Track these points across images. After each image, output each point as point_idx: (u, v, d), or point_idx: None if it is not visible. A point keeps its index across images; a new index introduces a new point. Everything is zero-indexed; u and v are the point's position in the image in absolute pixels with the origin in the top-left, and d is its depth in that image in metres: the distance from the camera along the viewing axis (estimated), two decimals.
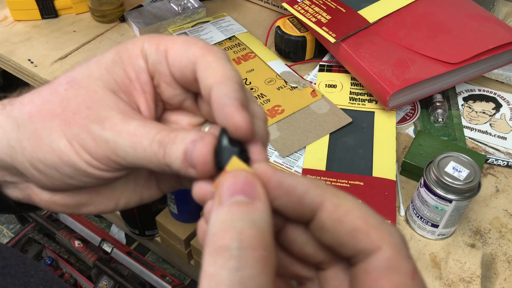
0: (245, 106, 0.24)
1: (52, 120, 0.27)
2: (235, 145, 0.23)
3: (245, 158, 0.23)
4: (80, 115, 0.27)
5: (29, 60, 0.75)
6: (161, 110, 0.30)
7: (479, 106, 0.71)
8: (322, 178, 0.59)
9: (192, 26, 0.85)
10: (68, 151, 0.27)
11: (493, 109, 0.71)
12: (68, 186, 0.29)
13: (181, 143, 0.25)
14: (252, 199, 0.22)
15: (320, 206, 0.22)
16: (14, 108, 0.29)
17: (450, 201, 0.50)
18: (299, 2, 0.75)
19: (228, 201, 0.22)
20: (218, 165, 0.24)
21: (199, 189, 0.25)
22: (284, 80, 0.72)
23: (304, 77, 0.74)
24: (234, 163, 0.23)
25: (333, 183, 0.58)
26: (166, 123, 0.31)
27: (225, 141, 0.23)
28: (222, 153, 0.23)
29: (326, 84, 0.72)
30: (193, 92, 0.29)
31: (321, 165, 0.60)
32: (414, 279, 0.21)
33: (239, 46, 0.80)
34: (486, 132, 0.67)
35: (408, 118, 0.69)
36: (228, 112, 0.24)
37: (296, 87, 0.71)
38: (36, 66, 0.75)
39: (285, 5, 0.76)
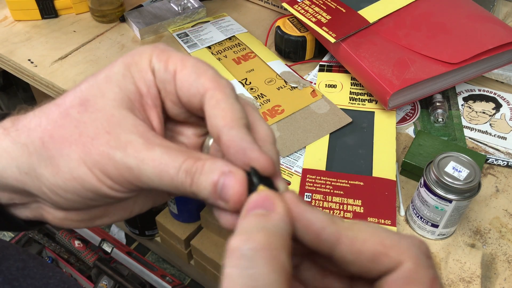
0: (259, 146, 0.26)
1: (69, 146, 0.27)
2: (264, 182, 0.25)
3: (274, 189, 0.25)
4: (100, 141, 0.26)
5: (29, 60, 0.75)
6: (165, 120, 0.30)
7: (479, 106, 0.71)
8: (322, 178, 0.59)
9: (192, 26, 0.85)
10: (89, 178, 0.27)
11: (493, 109, 0.71)
12: (87, 206, 0.29)
13: (210, 174, 0.25)
14: (269, 212, 0.23)
15: (337, 242, 0.23)
16: (20, 133, 0.28)
17: (450, 201, 0.50)
18: (299, 2, 0.75)
19: (248, 214, 0.23)
20: None
21: (229, 220, 0.26)
22: (284, 80, 0.72)
23: (304, 77, 0.74)
24: (262, 190, 0.25)
25: (333, 183, 0.58)
26: (171, 133, 0.31)
27: (255, 178, 0.25)
28: (253, 190, 0.25)
29: (326, 84, 0.72)
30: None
31: (321, 165, 0.60)
32: None
33: (239, 46, 0.80)
34: (486, 132, 0.67)
35: (408, 118, 0.69)
36: (253, 156, 0.25)
37: (296, 87, 0.71)
38: (36, 66, 0.75)
39: (285, 5, 0.76)
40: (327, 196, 0.56)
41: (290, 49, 0.76)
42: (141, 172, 0.26)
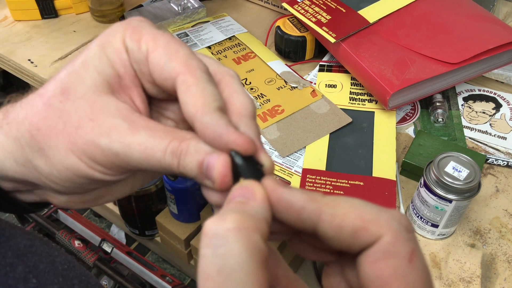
0: (235, 126, 0.26)
1: (56, 138, 0.27)
2: (247, 160, 0.25)
3: (257, 165, 0.26)
4: (84, 130, 0.26)
5: (29, 60, 0.75)
6: (150, 97, 0.30)
7: (479, 106, 0.71)
8: (322, 178, 0.59)
9: (192, 26, 0.85)
10: (80, 166, 0.27)
11: (493, 109, 0.71)
12: (86, 190, 0.30)
13: (195, 155, 0.25)
14: (248, 199, 0.24)
15: (318, 219, 0.24)
16: (11, 126, 0.28)
17: (450, 201, 0.50)
18: (299, 2, 0.75)
19: (229, 202, 0.24)
20: (235, 180, 0.26)
21: (217, 198, 0.26)
22: (284, 80, 0.72)
23: (304, 77, 0.74)
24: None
25: (333, 183, 0.58)
26: (157, 109, 0.31)
27: (237, 158, 0.25)
28: (237, 170, 0.25)
29: (326, 84, 0.72)
30: None
31: (321, 165, 0.60)
32: (411, 262, 0.22)
33: (239, 46, 0.80)
34: (486, 132, 0.67)
35: (408, 118, 0.69)
36: (230, 140, 0.25)
37: (296, 87, 0.71)
38: (36, 66, 0.75)
39: (285, 5, 0.76)
40: None
41: (290, 49, 0.76)
42: (128, 156, 0.26)
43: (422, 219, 0.54)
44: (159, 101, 0.31)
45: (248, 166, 0.25)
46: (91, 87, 0.27)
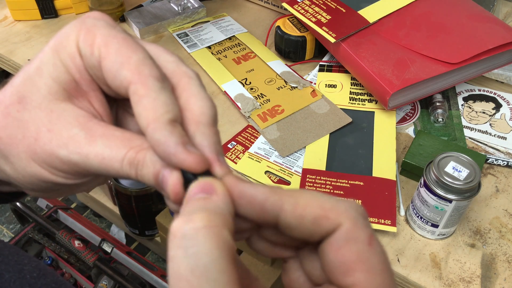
0: (186, 143, 0.25)
1: (16, 147, 0.27)
2: (200, 175, 0.25)
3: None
4: (43, 141, 0.27)
5: (29, 60, 0.75)
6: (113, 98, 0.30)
7: (479, 106, 0.71)
8: (322, 178, 0.59)
9: (192, 26, 0.85)
10: (43, 173, 0.27)
11: (493, 109, 0.71)
12: (55, 189, 0.30)
13: (151, 167, 0.26)
14: (210, 195, 0.24)
15: (280, 210, 0.24)
16: None
17: (450, 201, 0.50)
18: (299, 2, 0.75)
19: (190, 199, 0.24)
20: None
21: (173, 206, 0.26)
22: (284, 80, 0.72)
23: (304, 77, 0.74)
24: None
25: (333, 183, 0.58)
26: (124, 107, 0.31)
27: (189, 176, 0.25)
28: (190, 184, 0.25)
29: (326, 84, 0.72)
30: None
31: (321, 165, 0.60)
32: (370, 245, 0.24)
33: (239, 46, 0.80)
34: (486, 132, 0.67)
35: (408, 118, 0.69)
36: (178, 161, 0.24)
37: (296, 87, 0.71)
38: None
39: (285, 5, 0.76)
40: None
41: (290, 49, 0.76)
42: (86, 166, 0.26)
43: (422, 219, 0.54)
44: (124, 100, 0.30)
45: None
46: (47, 95, 0.27)
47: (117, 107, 0.31)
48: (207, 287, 0.21)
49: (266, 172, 0.60)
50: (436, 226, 0.53)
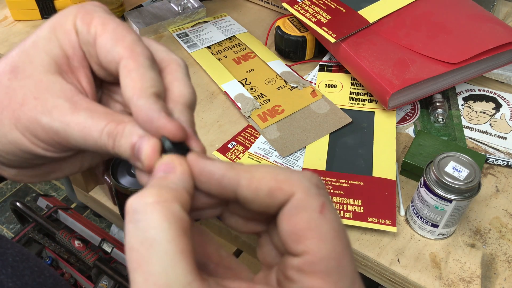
0: (168, 113, 0.27)
1: (1, 113, 0.28)
2: (176, 146, 0.27)
3: (187, 152, 0.27)
4: (28, 107, 0.27)
5: None
6: (99, 80, 0.31)
7: (479, 106, 0.71)
8: (322, 178, 0.59)
9: (192, 26, 0.85)
10: (22, 141, 0.28)
11: (493, 109, 0.71)
12: (32, 165, 0.31)
13: (129, 137, 0.27)
14: (168, 174, 0.25)
15: (237, 184, 0.25)
16: None
17: (450, 201, 0.50)
18: (299, 2, 0.75)
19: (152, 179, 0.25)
20: None
21: (144, 179, 0.28)
22: (284, 80, 0.72)
23: (304, 77, 0.74)
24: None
25: (333, 183, 0.58)
26: (108, 92, 0.33)
27: (167, 143, 0.26)
28: (166, 154, 0.27)
29: (326, 84, 0.72)
30: None
31: (321, 165, 0.60)
32: (322, 213, 0.24)
33: (239, 46, 0.80)
34: (486, 132, 0.67)
35: (408, 118, 0.69)
36: (160, 125, 0.26)
37: (296, 87, 0.71)
38: None
39: (285, 5, 0.76)
40: None
41: (290, 49, 0.76)
42: (67, 135, 0.27)
43: (422, 219, 0.54)
44: (109, 84, 0.32)
45: (177, 151, 0.26)
46: (38, 67, 0.28)
47: (102, 93, 0.33)
48: (156, 258, 0.21)
49: None
50: (436, 226, 0.53)
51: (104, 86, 0.32)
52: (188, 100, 0.29)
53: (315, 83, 0.73)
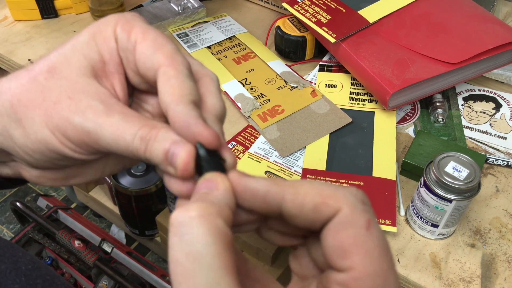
0: (204, 120, 0.28)
1: (33, 110, 0.28)
2: (210, 154, 0.27)
3: (220, 160, 0.27)
4: (61, 106, 0.28)
5: (29, 60, 0.75)
6: (131, 88, 0.32)
7: (479, 106, 0.71)
8: (322, 178, 0.59)
9: (192, 26, 0.85)
10: (52, 140, 0.28)
11: (493, 109, 0.71)
12: (56, 166, 0.31)
13: (162, 142, 0.27)
14: (212, 190, 0.25)
15: (282, 200, 0.26)
16: None
17: (450, 201, 0.50)
18: (299, 2, 0.75)
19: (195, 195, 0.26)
20: (197, 171, 0.27)
21: (177, 186, 0.28)
22: (284, 80, 0.72)
23: (304, 77, 0.74)
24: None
25: (333, 183, 0.58)
26: (138, 101, 0.33)
27: (202, 151, 0.27)
28: (200, 162, 0.27)
29: (326, 84, 0.72)
30: None
31: (321, 165, 0.60)
32: (368, 230, 0.25)
33: (239, 46, 0.80)
34: (486, 132, 0.67)
35: (408, 118, 0.69)
36: (197, 131, 0.27)
37: (296, 87, 0.71)
38: None
39: (285, 5, 0.76)
40: None
41: (290, 49, 0.76)
42: (98, 136, 0.27)
43: (422, 219, 0.54)
44: (140, 93, 0.32)
45: (211, 159, 0.27)
46: (75, 69, 0.29)
47: (132, 101, 0.33)
48: (201, 271, 0.22)
49: (266, 172, 0.60)
50: (436, 226, 0.53)
51: (134, 95, 0.33)
52: (220, 112, 0.30)
53: (315, 83, 0.73)
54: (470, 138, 0.66)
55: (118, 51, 0.29)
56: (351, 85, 0.71)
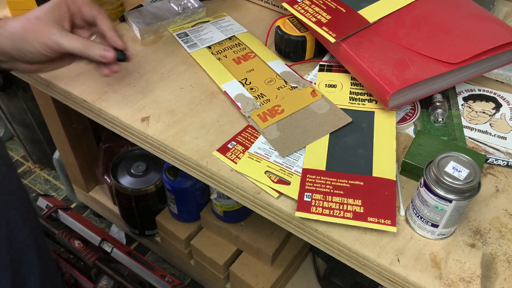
0: (120, 36, 0.64)
1: (32, 34, 0.59)
2: (118, 50, 0.64)
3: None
4: (45, 33, 0.59)
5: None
6: (72, 28, 0.64)
7: (479, 106, 0.71)
8: (322, 178, 0.59)
9: (192, 26, 0.85)
10: (40, 48, 0.59)
11: (493, 109, 0.71)
12: (39, 61, 0.62)
13: (99, 49, 0.62)
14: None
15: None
16: (5, 29, 0.59)
17: (450, 201, 0.50)
18: (299, 2, 0.75)
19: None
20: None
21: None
22: (284, 80, 0.72)
23: (304, 77, 0.74)
24: None
25: (333, 183, 0.58)
26: (75, 33, 0.64)
27: (117, 51, 0.64)
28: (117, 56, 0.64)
29: (326, 84, 0.72)
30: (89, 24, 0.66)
31: (321, 165, 0.60)
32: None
33: (239, 46, 0.80)
34: (486, 132, 0.67)
35: (408, 118, 0.69)
36: (118, 42, 0.64)
37: (296, 87, 0.71)
38: None
39: (285, 5, 0.76)
40: (327, 196, 0.56)
41: (290, 49, 0.76)
42: (64, 46, 0.60)
43: (422, 219, 0.54)
44: (76, 30, 0.65)
45: (121, 53, 0.64)
46: (50, 19, 0.60)
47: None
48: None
49: (266, 172, 0.60)
50: (436, 226, 0.53)
51: (73, 32, 0.65)
52: (115, 30, 0.64)
53: (315, 83, 0.73)
54: (470, 138, 0.66)
55: (69, 11, 0.62)
56: (351, 85, 0.72)
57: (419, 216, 0.54)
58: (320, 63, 0.77)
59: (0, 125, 1.64)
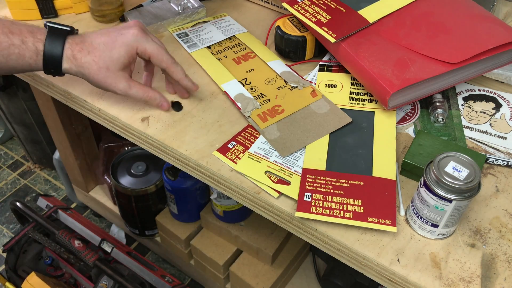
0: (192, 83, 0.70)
1: (101, 82, 0.65)
2: (174, 104, 0.71)
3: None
4: (114, 81, 0.65)
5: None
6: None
7: (479, 106, 0.71)
8: (322, 178, 0.59)
9: (192, 26, 0.85)
10: (108, 89, 0.67)
11: (493, 109, 0.71)
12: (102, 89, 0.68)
13: (156, 102, 0.69)
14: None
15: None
16: (77, 64, 0.64)
17: (450, 201, 0.50)
18: (299, 2, 0.75)
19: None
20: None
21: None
22: (284, 80, 0.72)
23: (304, 77, 0.74)
24: None
25: (333, 183, 0.58)
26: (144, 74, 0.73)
27: (175, 104, 0.70)
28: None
29: (326, 84, 0.72)
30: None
31: (321, 165, 0.60)
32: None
33: (239, 46, 0.80)
34: (486, 132, 0.67)
35: (408, 118, 0.69)
36: (194, 87, 0.70)
37: (296, 87, 0.71)
38: None
39: (285, 5, 0.76)
40: (327, 196, 0.56)
41: (290, 49, 0.76)
42: (128, 94, 0.67)
43: (422, 219, 0.54)
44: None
45: (175, 103, 0.71)
46: (119, 66, 0.65)
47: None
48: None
49: (266, 172, 0.60)
50: (436, 226, 0.53)
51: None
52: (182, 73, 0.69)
53: (315, 83, 0.73)
54: (470, 138, 0.66)
55: (136, 59, 0.67)
56: (351, 85, 0.72)
57: (419, 216, 0.54)
58: (320, 63, 0.77)
59: (0, 125, 1.64)
